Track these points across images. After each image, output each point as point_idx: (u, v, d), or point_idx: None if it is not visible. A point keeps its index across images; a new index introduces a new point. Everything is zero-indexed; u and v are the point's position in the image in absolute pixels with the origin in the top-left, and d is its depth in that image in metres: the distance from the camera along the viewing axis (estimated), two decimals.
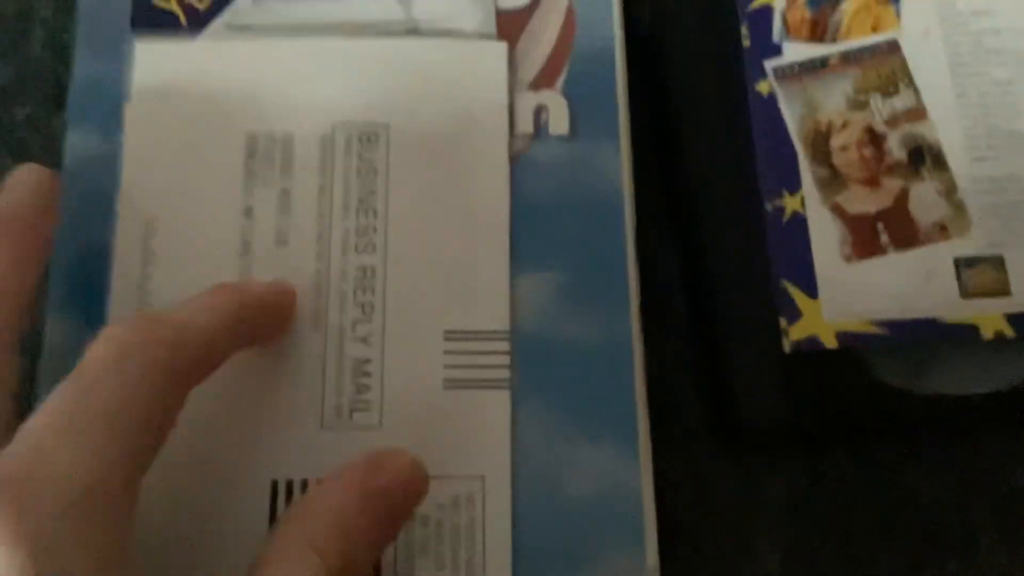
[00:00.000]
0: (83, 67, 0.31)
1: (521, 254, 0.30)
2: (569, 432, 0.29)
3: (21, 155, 0.29)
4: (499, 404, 0.29)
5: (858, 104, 0.32)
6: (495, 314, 0.29)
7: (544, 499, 0.28)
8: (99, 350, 0.23)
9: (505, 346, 0.29)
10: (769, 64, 0.32)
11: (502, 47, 0.32)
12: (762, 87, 0.32)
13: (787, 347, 0.30)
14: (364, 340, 0.29)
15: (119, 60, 0.31)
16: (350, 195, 0.30)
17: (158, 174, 0.30)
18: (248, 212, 0.30)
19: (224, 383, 0.26)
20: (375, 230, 0.30)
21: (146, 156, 0.30)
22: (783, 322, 0.30)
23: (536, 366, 0.29)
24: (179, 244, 0.30)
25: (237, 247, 0.30)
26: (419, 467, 0.26)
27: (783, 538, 0.31)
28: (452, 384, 0.29)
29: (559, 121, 0.31)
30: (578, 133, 0.31)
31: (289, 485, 0.28)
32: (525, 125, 0.31)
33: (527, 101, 0.31)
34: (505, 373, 0.29)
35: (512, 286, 0.30)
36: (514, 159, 0.31)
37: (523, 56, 0.32)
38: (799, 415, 0.30)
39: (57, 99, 0.32)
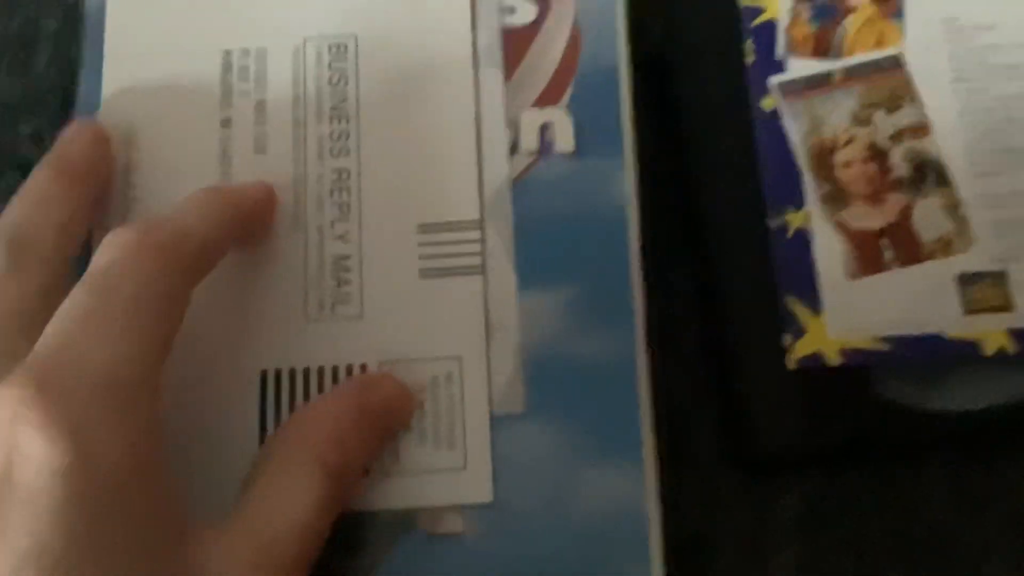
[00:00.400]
0: (88, 84, 0.32)
1: (527, 270, 0.30)
2: (576, 450, 0.29)
3: (27, 171, 0.29)
4: (472, 289, 0.30)
5: (862, 120, 0.32)
6: (465, 204, 0.31)
7: (551, 517, 0.28)
8: (108, 254, 0.25)
9: (476, 234, 0.30)
10: (773, 80, 0.33)
11: None
12: (766, 103, 0.32)
13: (792, 363, 0.30)
14: (342, 238, 0.31)
15: None
16: (323, 103, 0.32)
17: (137, 89, 0.32)
18: (226, 122, 0.32)
19: (212, 283, 0.28)
20: (348, 135, 0.32)
21: (125, 72, 0.32)
22: (788, 339, 0.30)
23: (543, 384, 0.29)
24: (160, 155, 0.32)
25: (216, 155, 0.31)
26: (406, 389, 0.29)
27: (794, 555, 0.31)
28: (427, 273, 0.30)
29: (564, 138, 0.31)
30: (583, 150, 0.31)
31: (278, 375, 0.29)
32: (530, 142, 0.31)
33: (532, 118, 0.31)
34: (477, 259, 0.30)
35: (519, 305, 0.30)
36: (519, 176, 0.31)
37: (528, 73, 0.32)
38: (808, 432, 0.30)
39: (63, 115, 0.32)
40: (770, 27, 0.33)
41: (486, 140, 0.31)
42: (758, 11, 0.33)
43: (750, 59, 0.33)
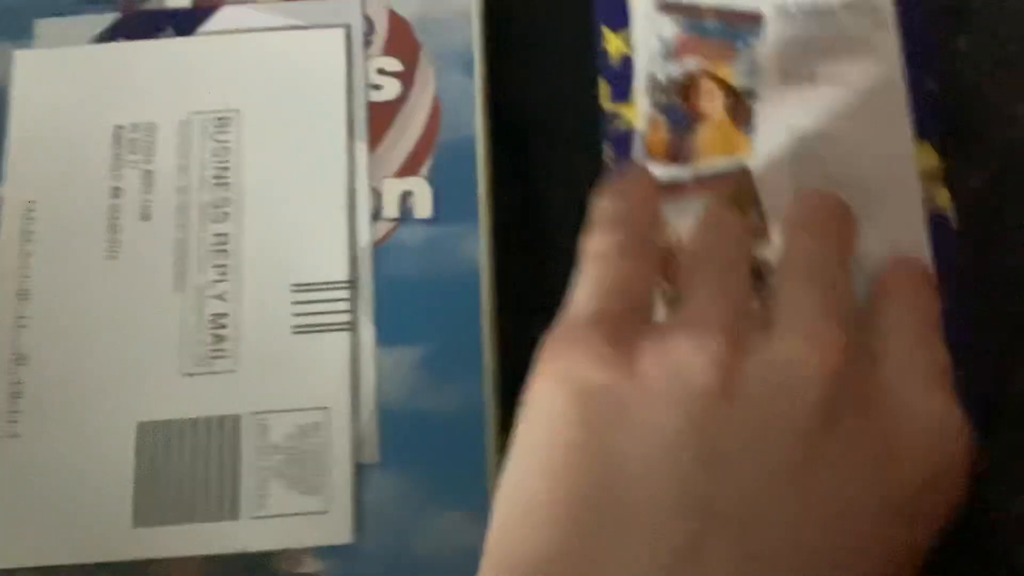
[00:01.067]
0: None
1: (386, 330, 0.33)
2: (426, 497, 0.31)
3: None
4: (340, 344, 0.33)
5: None
6: (336, 267, 0.33)
7: (403, 559, 0.31)
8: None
9: (345, 293, 0.33)
10: None
11: (339, 33, 0.36)
12: None
13: None
14: (221, 297, 0.33)
15: None
16: (206, 172, 0.34)
17: (38, 164, 0.35)
18: (116, 192, 0.34)
19: (94, 337, 0.32)
20: (229, 201, 0.34)
21: (26, 148, 0.35)
22: None
23: (397, 436, 0.32)
24: (55, 224, 0.34)
25: (106, 223, 0.34)
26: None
27: None
28: (299, 329, 0.33)
29: (423, 205, 0.34)
30: (441, 216, 0.34)
31: (155, 426, 0.32)
32: (391, 209, 0.34)
33: (394, 187, 0.34)
34: (346, 317, 0.33)
35: (377, 361, 0.32)
36: (381, 241, 0.34)
37: (391, 145, 0.34)
38: None
39: None
40: (629, 134, 0.35)
41: (353, 207, 0.34)
42: (617, 117, 0.35)
43: (609, 163, 0.35)
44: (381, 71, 0.35)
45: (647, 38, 0.36)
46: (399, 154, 0.34)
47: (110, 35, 0.36)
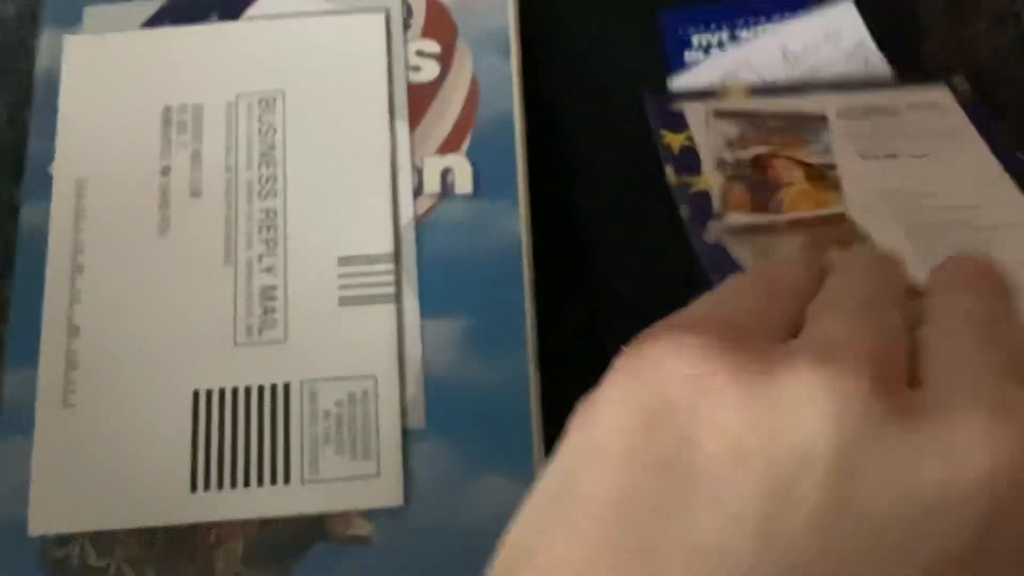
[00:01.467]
0: (40, 142, 0.36)
1: (430, 301, 0.34)
2: (473, 461, 0.32)
3: None
4: (386, 315, 0.34)
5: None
6: (380, 240, 0.34)
7: (451, 521, 0.32)
8: None
9: (389, 266, 0.34)
10: (715, 224, 0.34)
11: (379, 17, 0.37)
12: (710, 234, 0.34)
13: None
14: (269, 270, 0.34)
15: None
16: (252, 151, 0.36)
17: (88, 143, 0.36)
18: (165, 170, 0.36)
19: (151, 311, 0.33)
20: (275, 179, 0.35)
21: (77, 129, 0.36)
22: None
23: (443, 403, 0.33)
24: (106, 201, 0.35)
25: (157, 200, 0.35)
26: None
27: None
28: (346, 301, 0.34)
29: (464, 181, 0.35)
30: (481, 192, 0.35)
31: (208, 394, 0.33)
32: (433, 185, 0.35)
33: (435, 164, 0.35)
34: (390, 289, 0.34)
35: (422, 331, 0.34)
36: (423, 216, 0.35)
37: (432, 123, 0.36)
38: None
39: (17, 174, 0.36)
40: (705, 193, 0.35)
41: (396, 183, 0.35)
42: (690, 185, 0.35)
43: (686, 215, 0.35)
44: (420, 53, 0.37)
45: (710, 138, 0.36)
46: (439, 132, 0.36)
47: (157, 21, 0.37)
